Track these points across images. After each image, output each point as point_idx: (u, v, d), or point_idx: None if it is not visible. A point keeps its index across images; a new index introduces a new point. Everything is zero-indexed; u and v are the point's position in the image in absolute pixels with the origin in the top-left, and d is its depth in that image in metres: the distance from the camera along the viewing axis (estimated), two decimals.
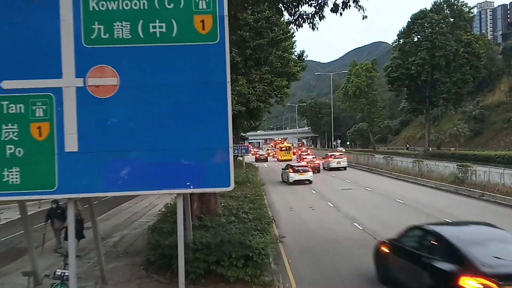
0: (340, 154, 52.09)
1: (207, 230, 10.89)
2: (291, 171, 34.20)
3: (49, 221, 13.03)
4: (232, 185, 8.17)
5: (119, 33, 7.90)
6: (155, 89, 7.99)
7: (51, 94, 7.79)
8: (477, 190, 23.49)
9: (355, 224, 17.27)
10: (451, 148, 61.72)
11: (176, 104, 8.00)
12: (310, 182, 33.52)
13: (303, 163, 40.97)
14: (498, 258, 7.32)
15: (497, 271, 6.97)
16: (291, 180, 33.33)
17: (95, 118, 7.94)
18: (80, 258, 12.19)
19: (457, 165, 28.57)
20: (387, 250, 9.99)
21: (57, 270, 8.53)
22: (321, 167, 46.63)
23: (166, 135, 7.97)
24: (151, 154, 7.95)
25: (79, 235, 12.11)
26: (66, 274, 8.26)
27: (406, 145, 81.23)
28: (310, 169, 35.38)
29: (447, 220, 17.17)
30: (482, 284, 6.77)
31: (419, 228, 9.21)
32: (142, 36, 7.92)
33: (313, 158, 51.06)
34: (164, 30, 7.94)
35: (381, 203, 22.26)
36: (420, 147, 72.13)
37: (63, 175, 7.84)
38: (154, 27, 7.93)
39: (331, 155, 50.89)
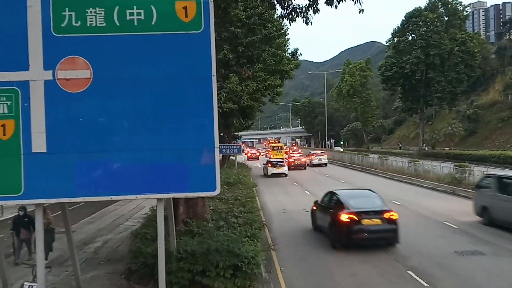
0: (322, 152, 58.03)
1: (194, 236, 10.12)
2: (270, 165, 40.41)
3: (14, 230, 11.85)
4: (218, 189, 7.44)
5: (92, 21, 7.13)
6: (132, 83, 7.22)
7: (16, 88, 7.04)
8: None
9: None
10: (445, 148, 61.36)
11: (156, 99, 7.24)
12: (285, 175, 38.94)
13: (280, 159, 45.71)
14: (362, 204, 13.07)
15: (358, 210, 12.67)
16: (269, 173, 39.31)
17: (66, 115, 7.17)
18: (58, 266, 11.43)
19: (454, 165, 27.93)
20: (315, 208, 15.58)
21: (25, 283, 7.71)
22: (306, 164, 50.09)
23: (144, 134, 7.22)
24: (128, 155, 7.19)
25: (48, 247, 10.60)
26: (34, 287, 7.47)
27: (399, 145, 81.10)
28: (285, 164, 41.33)
29: (446, 223, 16.60)
30: (349, 217, 12.45)
31: (329, 192, 14.99)
32: (118, 24, 7.16)
33: (299, 156, 53.91)
34: (142, 17, 7.19)
35: None
36: (414, 147, 71.81)
37: (30, 179, 7.08)
38: (132, 14, 7.17)
39: (313, 153, 56.96)
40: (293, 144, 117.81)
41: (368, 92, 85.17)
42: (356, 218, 12.40)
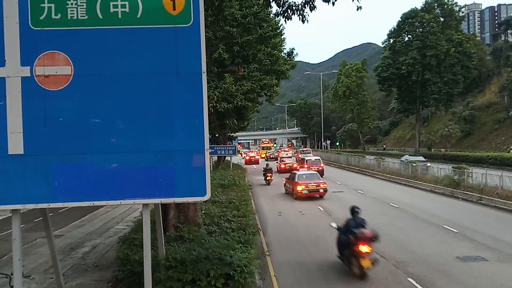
0: (288, 149, 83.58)
1: (184, 242, 9.62)
2: (243, 152, 76.68)
3: None
4: (209, 194, 6.93)
5: (73, 13, 6.60)
6: (116, 81, 6.69)
7: None
8: (474, 194, 22.43)
9: None
10: (441, 149, 61.07)
11: (141, 98, 6.71)
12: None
13: (250, 152, 79.74)
14: None
15: None
16: (242, 156, 69.71)
17: (45, 114, 6.61)
18: (43, 273, 10.89)
19: (452, 167, 27.52)
20: None
21: None
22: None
23: (129, 135, 6.68)
24: (111, 157, 6.65)
25: None
26: None
27: (383, 146, 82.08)
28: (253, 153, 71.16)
29: (446, 226, 16.14)
30: None
31: None
32: (101, 17, 6.63)
33: (272, 152, 78.44)
34: (127, 10, 6.66)
35: (374, 208, 21.14)
36: (409, 148, 71.52)
37: (5, 183, 6.54)
38: (116, 6, 6.64)
39: (282, 150, 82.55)
40: (289, 145, 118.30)
41: (364, 93, 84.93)
42: None
